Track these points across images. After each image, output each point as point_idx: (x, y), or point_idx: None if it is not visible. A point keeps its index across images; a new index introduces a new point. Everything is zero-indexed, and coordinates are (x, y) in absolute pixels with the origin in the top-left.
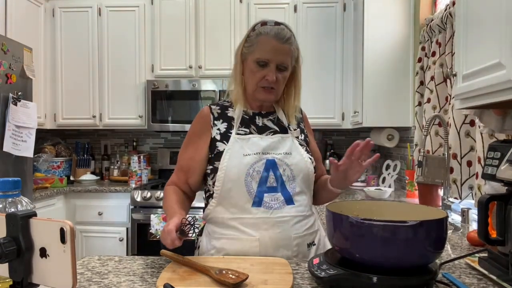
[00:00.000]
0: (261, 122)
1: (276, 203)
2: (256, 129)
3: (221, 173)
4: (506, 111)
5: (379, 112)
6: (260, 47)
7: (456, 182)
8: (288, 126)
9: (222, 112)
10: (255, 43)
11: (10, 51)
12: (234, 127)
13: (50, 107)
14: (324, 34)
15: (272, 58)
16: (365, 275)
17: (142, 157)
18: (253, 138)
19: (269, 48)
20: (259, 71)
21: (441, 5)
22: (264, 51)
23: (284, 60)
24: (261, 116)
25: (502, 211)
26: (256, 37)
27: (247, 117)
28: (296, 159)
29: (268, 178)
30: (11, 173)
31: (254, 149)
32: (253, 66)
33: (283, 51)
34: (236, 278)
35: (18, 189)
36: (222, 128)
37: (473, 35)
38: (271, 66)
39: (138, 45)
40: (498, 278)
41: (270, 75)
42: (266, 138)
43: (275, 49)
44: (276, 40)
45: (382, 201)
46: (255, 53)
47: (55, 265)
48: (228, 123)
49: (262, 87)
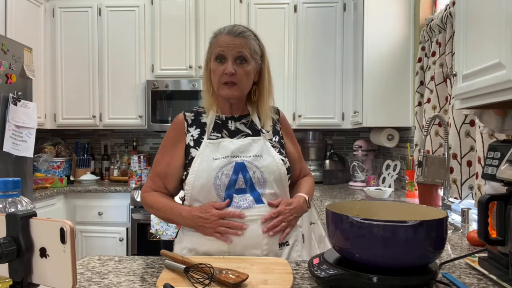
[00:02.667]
0: (233, 126)
1: (245, 202)
2: (228, 133)
3: (191, 177)
4: (506, 111)
5: (379, 112)
6: (216, 45)
7: (456, 182)
8: (261, 129)
9: (195, 118)
10: (212, 44)
11: (10, 51)
12: (206, 132)
13: (50, 107)
14: (324, 34)
15: (227, 51)
16: (365, 275)
17: (142, 157)
18: (223, 142)
19: (224, 43)
20: (218, 67)
21: (441, 5)
22: (220, 46)
23: (240, 52)
24: (233, 120)
25: (502, 211)
26: (213, 39)
27: (220, 122)
28: (267, 161)
29: (237, 180)
30: (11, 173)
31: (223, 152)
32: (213, 64)
33: (237, 44)
34: (236, 278)
35: (18, 189)
36: (195, 134)
37: (473, 35)
38: (228, 61)
39: (138, 45)
40: (498, 278)
41: (227, 68)
42: (236, 141)
43: (228, 43)
44: (230, 34)
45: (382, 201)
46: (213, 52)
47: (55, 265)
48: (201, 129)
49: (224, 83)
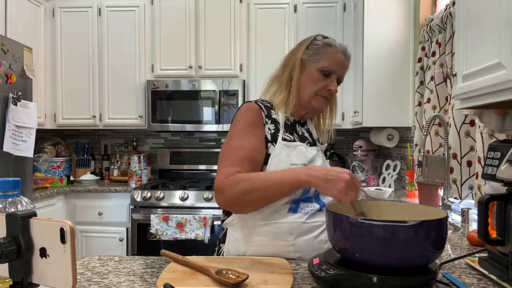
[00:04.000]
0: (300, 131)
1: (311, 209)
2: (298, 137)
3: None
4: (506, 111)
5: (379, 112)
6: (328, 57)
7: (456, 182)
8: (318, 139)
9: (268, 112)
10: (322, 52)
11: (10, 51)
12: (280, 130)
13: (50, 107)
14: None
15: (337, 70)
16: (365, 275)
17: (142, 157)
18: (300, 146)
19: (337, 60)
20: (323, 80)
21: (441, 5)
22: (332, 62)
23: (343, 75)
24: (299, 124)
25: (502, 211)
26: (323, 46)
27: (289, 123)
28: None
29: (310, 190)
30: (11, 173)
31: (301, 159)
32: (317, 74)
33: (346, 66)
34: (236, 278)
35: (18, 189)
36: (271, 128)
37: (473, 35)
38: (333, 77)
39: (138, 45)
40: (498, 278)
41: (333, 85)
42: (311, 149)
43: (341, 62)
44: (344, 55)
45: (382, 201)
46: (320, 61)
47: (55, 265)
48: (275, 125)
49: (322, 96)
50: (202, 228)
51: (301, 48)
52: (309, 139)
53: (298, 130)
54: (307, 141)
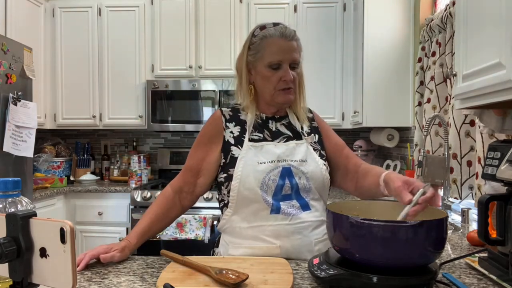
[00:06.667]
0: (274, 127)
1: (293, 209)
2: (269, 134)
3: (235, 182)
4: (506, 111)
5: (379, 112)
6: (269, 50)
7: (456, 182)
8: (302, 131)
9: (234, 114)
10: (261, 49)
11: (10, 51)
12: (247, 131)
13: (50, 107)
14: (324, 34)
15: (283, 58)
16: (365, 275)
17: (142, 157)
18: (267, 145)
19: (278, 48)
20: (274, 74)
21: (441, 5)
22: (274, 53)
23: (295, 58)
24: (274, 120)
25: (502, 211)
26: (261, 42)
27: (260, 121)
28: (312, 167)
29: (284, 186)
30: (11, 173)
31: (268, 157)
32: (266, 71)
33: (292, 48)
34: (236, 278)
35: (18, 189)
36: (235, 131)
37: (473, 35)
38: (284, 66)
39: (138, 45)
40: (498, 278)
41: (286, 75)
42: (280, 145)
43: (284, 49)
44: (283, 39)
45: (382, 201)
46: (264, 58)
47: (55, 265)
48: (241, 127)
49: (280, 89)
50: (202, 228)
51: (245, 52)
52: (287, 133)
53: (271, 127)
54: (283, 136)
